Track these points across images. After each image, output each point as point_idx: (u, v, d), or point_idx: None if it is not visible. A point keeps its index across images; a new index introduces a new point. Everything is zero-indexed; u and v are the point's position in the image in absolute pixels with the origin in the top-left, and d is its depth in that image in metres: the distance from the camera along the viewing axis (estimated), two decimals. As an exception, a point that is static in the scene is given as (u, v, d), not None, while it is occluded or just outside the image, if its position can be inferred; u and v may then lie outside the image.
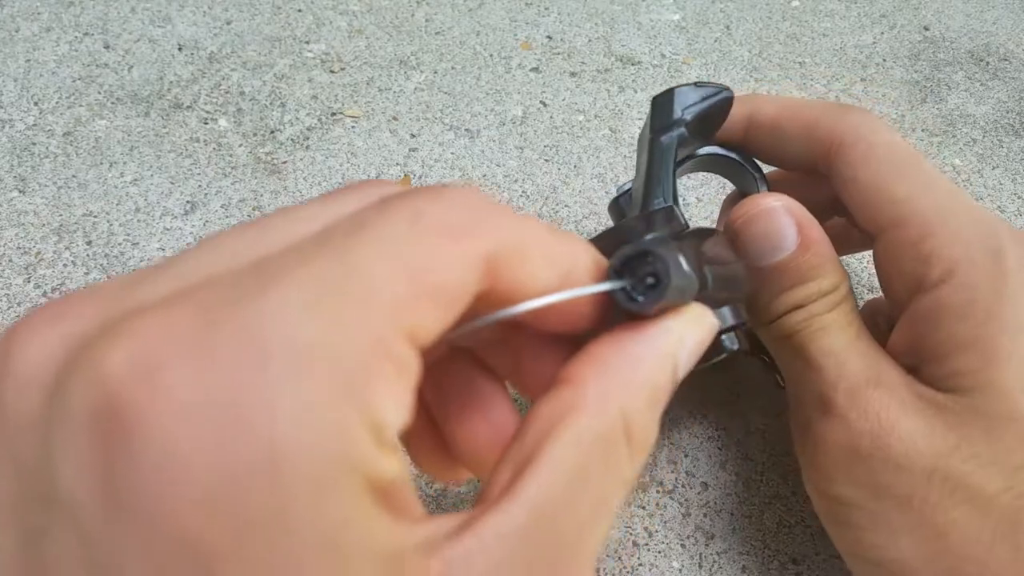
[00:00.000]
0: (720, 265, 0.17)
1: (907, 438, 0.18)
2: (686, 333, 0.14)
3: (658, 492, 0.25)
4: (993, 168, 0.38)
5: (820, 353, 0.20)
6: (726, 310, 0.21)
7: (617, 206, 0.25)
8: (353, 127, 0.37)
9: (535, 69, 0.41)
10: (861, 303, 0.26)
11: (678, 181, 0.22)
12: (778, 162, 0.24)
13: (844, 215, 0.24)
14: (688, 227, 0.21)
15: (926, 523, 0.18)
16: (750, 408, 0.28)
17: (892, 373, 0.20)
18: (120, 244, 0.31)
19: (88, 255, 0.30)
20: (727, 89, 0.22)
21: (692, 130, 0.22)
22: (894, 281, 0.21)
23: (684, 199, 0.35)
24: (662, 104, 0.22)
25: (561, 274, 0.13)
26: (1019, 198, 0.37)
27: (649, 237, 0.16)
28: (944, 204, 0.20)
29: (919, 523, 0.18)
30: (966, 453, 0.18)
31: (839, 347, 0.20)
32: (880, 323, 0.24)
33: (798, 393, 0.21)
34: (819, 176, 0.23)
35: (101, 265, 0.30)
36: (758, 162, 0.24)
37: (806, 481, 0.21)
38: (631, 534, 0.24)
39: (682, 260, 0.14)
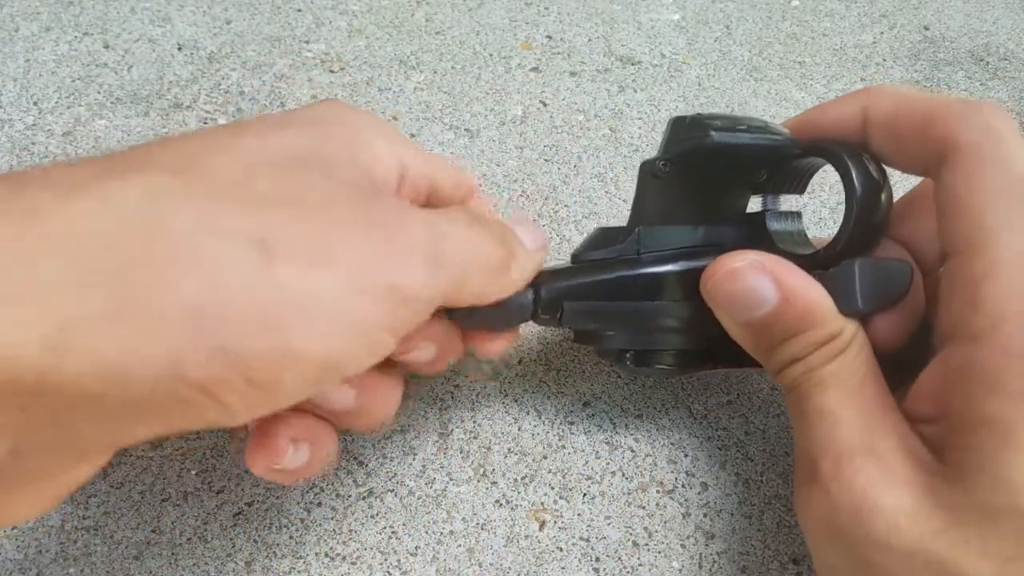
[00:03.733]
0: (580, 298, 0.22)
1: (890, 516, 0.17)
2: None
3: (658, 492, 0.25)
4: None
5: (814, 411, 0.19)
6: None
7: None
8: (353, 127, 0.37)
9: (535, 69, 0.41)
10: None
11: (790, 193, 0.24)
12: (899, 166, 0.21)
13: None
14: (624, 255, 0.22)
15: None
16: (750, 408, 0.28)
17: (889, 437, 0.18)
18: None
19: (88, 255, 0.30)
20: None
21: (675, 168, 0.22)
22: (943, 315, 0.19)
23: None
24: (676, 130, 0.22)
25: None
26: (1019, 198, 0.37)
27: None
28: None
29: None
30: (955, 538, 0.16)
31: (835, 405, 0.19)
32: None
33: (796, 450, 0.20)
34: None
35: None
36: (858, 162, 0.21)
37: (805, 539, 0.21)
38: (631, 534, 0.24)
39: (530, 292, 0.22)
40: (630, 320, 0.22)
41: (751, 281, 0.20)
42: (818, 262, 0.21)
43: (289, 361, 0.14)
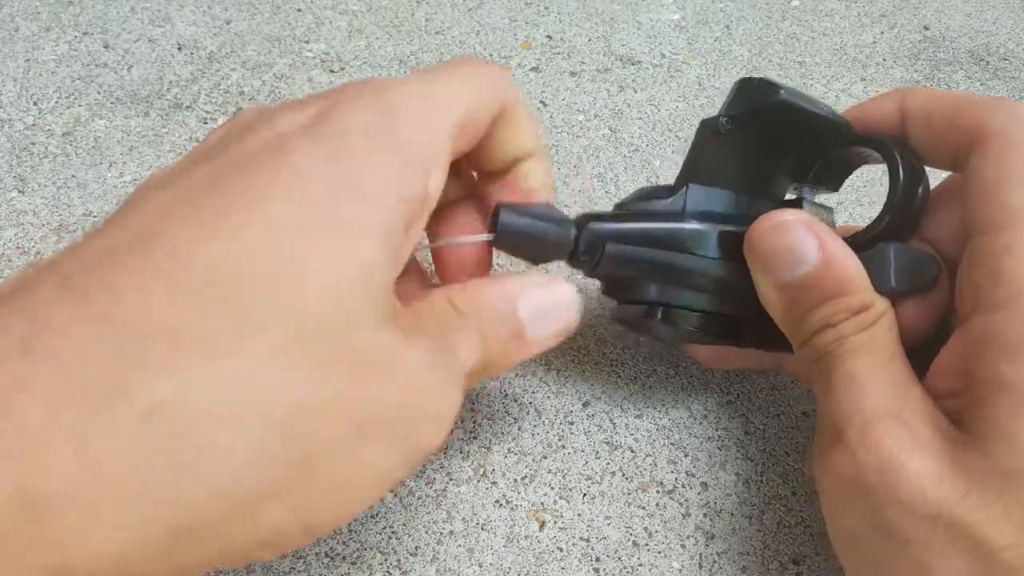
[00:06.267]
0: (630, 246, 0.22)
1: (914, 479, 0.17)
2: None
3: (658, 492, 0.25)
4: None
5: (844, 378, 0.19)
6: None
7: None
8: (353, 127, 0.37)
9: (535, 69, 0.41)
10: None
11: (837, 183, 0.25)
12: (932, 160, 0.22)
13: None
14: (673, 208, 0.23)
15: (923, 568, 0.17)
16: (750, 408, 0.28)
17: (916, 406, 0.19)
18: (119, 244, 0.31)
19: (87, 255, 0.30)
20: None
21: (735, 127, 0.22)
22: (963, 291, 0.19)
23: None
24: (743, 92, 0.23)
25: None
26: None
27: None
28: None
29: (916, 566, 0.17)
30: (976, 503, 0.17)
31: (864, 373, 0.19)
32: None
33: (820, 418, 0.21)
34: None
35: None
36: (903, 156, 0.22)
37: (821, 503, 0.21)
38: (631, 534, 0.24)
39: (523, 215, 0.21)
40: (667, 270, 0.22)
41: (797, 236, 0.20)
42: (854, 246, 0.21)
43: (348, 518, 0.16)
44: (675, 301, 0.23)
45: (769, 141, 0.23)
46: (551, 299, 0.20)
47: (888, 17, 0.48)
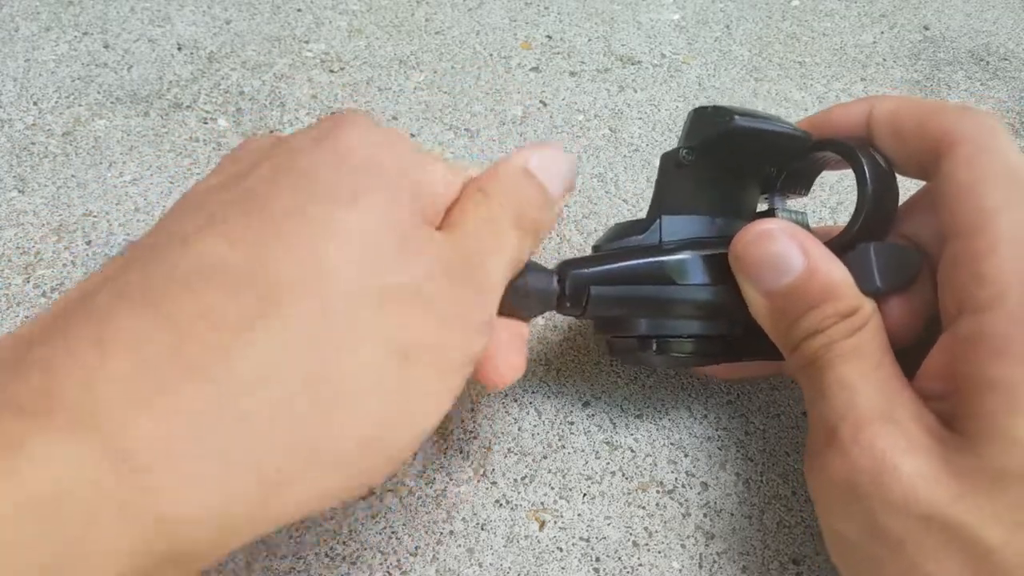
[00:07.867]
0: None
1: (907, 481, 0.17)
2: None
3: (658, 492, 0.25)
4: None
5: (834, 382, 0.20)
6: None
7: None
8: (353, 127, 0.37)
9: (535, 69, 0.41)
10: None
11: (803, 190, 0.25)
12: (900, 167, 0.22)
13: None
14: (647, 243, 0.23)
15: (917, 570, 0.17)
16: (750, 408, 0.28)
17: (907, 408, 0.19)
18: (119, 244, 0.31)
19: (88, 255, 0.30)
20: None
21: (699, 154, 0.23)
22: (946, 295, 0.19)
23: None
24: (698, 121, 0.23)
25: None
26: (1019, 198, 0.37)
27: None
28: None
29: (909, 568, 0.17)
30: (969, 504, 0.17)
31: (855, 376, 0.19)
32: None
33: (812, 422, 0.21)
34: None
35: (101, 265, 0.30)
36: (875, 159, 0.22)
37: (815, 506, 0.21)
38: (631, 534, 0.24)
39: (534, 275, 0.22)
40: (655, 304, 0.23)
41: (781, 245, 0.21)
42: (835, 250, 0.21)
43: (421, 438, 0.17)
44: (666, 331, 0.23)
45: (732, 164, 0.23)
46: (553, 156, 0.21)
47: (888, 17, 0.48)
